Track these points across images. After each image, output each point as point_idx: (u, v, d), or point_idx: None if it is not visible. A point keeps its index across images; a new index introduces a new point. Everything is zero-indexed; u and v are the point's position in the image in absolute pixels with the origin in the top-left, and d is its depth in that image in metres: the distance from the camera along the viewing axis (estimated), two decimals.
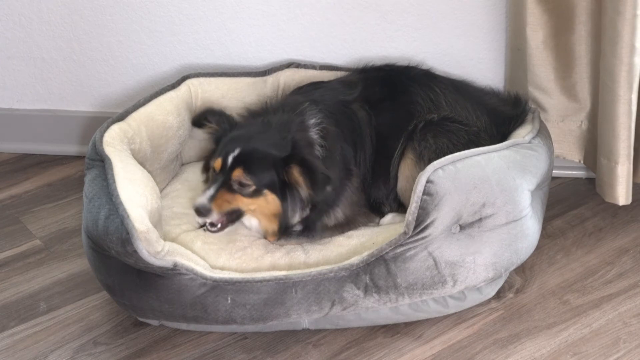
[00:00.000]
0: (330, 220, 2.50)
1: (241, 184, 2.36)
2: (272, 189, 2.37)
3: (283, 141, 2.39)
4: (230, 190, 2.37)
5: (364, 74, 2.71)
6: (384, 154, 2.57)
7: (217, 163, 2.39)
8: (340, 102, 2.57)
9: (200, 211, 2.34)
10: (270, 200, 2.38)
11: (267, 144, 2.39)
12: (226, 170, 2.37)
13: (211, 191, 2.35)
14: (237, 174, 2.36)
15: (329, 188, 2.37)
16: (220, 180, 2.37)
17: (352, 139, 2.53)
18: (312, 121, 2.48)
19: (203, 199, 2.34)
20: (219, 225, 2.39)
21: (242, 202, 2.38)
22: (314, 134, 2.46)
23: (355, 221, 2.55)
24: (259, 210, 2.40)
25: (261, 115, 2.54)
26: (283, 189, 2.38)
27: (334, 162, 2.46)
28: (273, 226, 2.43)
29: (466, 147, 2.43)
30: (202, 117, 2.57)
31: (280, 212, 2.39)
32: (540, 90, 2.79)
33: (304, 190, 2.38)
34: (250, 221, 2.46)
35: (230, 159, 2.37)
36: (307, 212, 2.44)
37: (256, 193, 2.37)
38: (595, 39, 2.64)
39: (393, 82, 2.64)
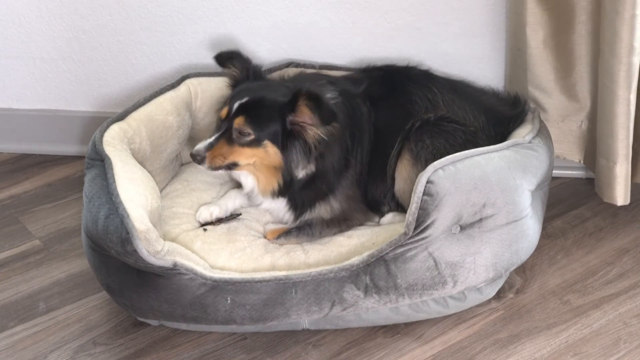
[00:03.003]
0: (327, 212, 2.50)
1: (241, 133, 2.38)
2: (274, 140, 2.38)
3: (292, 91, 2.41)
4: (230, 140, 2.38)
5: (367, 73, 2.72)
6: (381, 152, 2.57)
7: (224, 111, 2.42)
8: (347, 92, 2.57)
9: (195, 157, 2.38)
10: (270, 152, 2.39)
11: (278, 94, 2.42)
12: (229, 118, 2.39)
13: (211, 140, 2.39)
14: (238, 122, 2.38)
15: (335, 125, 2.37)
16: (223, 129, 2.39)
17: (351, 130, 2.53)
18: (328, 95, 2.49)
19: (200, 146, 2.38)
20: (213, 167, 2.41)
21: (240, 155, 2.39)
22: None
23: (352, 217, 2.55)
24: (259, 162, 2.41)
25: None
26: (285, 141, 2.38)
27: (338, 136, 2.46)
28: (272, 183, 2.43)
29: (463, 147, 2.43)
30: (228, 58, 2.57)
31: (282, 164, 2.40)
32: (540, 90, 2.79)
33: (310, 134, 2.38)
34: (247, 179, 2.47)
35: (235, 106, 2.39)
36: (312, 168, 2.43)
37: (255, 143, 2.38)
38: (595, 39, 2.64)
39: (393, 81, 2.65)
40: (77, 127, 3.23)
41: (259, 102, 2.41)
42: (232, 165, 2.42)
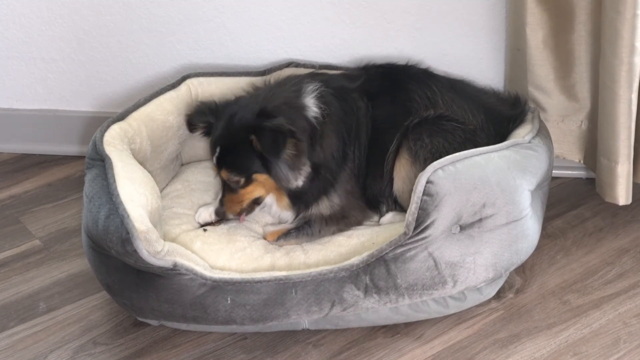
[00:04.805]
0: (327, 207, 2.51)
1: (234, 182, 2.44)
2: (259, 169, 2.41)
3: (255, 111, 2.41)
4: (232, 190, 2.46)
5: (365, 70, 2.72)
6: (380, 147, 2.56)
7: (214, 167, 2.49)
8: (341, 87, 2.57)
9: (219, 215, 2.51)
10: (263, 180, 2.43)
11: (243, 122, 2.40)
12: (220, 173, 2.47)
13: (220, 197, 2.50)
14: (224, 175, 2.45)
15: (285, 145, 2.34)
16: (223, 182, 2.48)
17: (349, 124, 2.53)
18: (310, 87, 2.50)
19: (217, 204, 2.50)
20: (241, 217, 2.51)
21: (248, 194, 2.46)
22: (309, 99, 2.47)
23: (351, 215, 2.55)
24: (266, 191, 2.47)
25: (260, 89, 2.60)
26: (267, 163, 2.40)
27: (334, 126, 2.48)
28: (284, 198, 2.49)
29: (462, 146, 2.43)
30: (192, 122, 2.59)
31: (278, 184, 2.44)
32: (540, 90, 2.79)
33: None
34: (268, 200, 2.52)
35: (215, 162, 2.45)
36: (307, 169, 2.43)
37: (248, 181, 2.43)
38: (595, 39, 2.64)
39: (392, 78, 2.65)
40: (77, 127, 3.22)
41: (229, 147, 2.42)
42: (255, 202, 2.49)
